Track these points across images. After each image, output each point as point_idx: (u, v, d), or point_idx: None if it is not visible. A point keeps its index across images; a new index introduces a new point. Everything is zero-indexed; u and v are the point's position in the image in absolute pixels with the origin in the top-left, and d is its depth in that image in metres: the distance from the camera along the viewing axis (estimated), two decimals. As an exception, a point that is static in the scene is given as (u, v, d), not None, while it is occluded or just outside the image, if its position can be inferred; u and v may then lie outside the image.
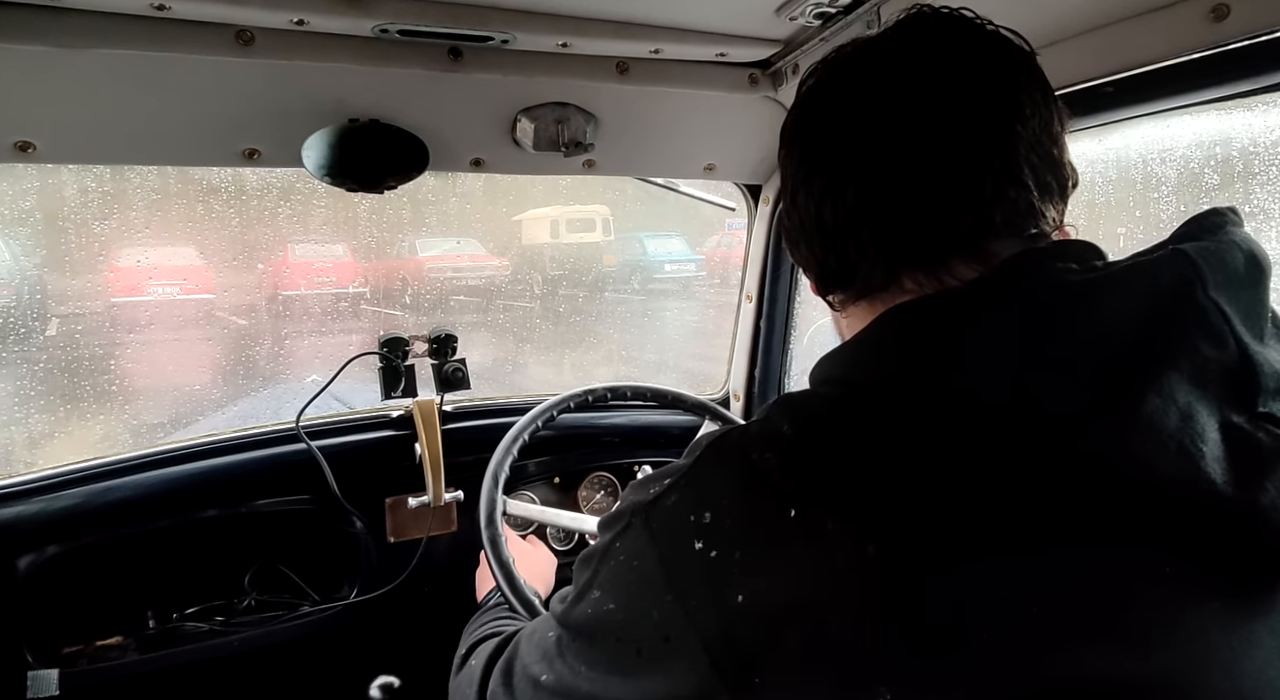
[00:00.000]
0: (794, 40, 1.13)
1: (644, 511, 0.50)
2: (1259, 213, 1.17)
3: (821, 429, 0.47)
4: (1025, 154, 0.50)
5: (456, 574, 1.53)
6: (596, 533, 0.57)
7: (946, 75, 0.51)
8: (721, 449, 0.49)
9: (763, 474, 0.46)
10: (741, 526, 0.45)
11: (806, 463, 0.45)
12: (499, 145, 1.22)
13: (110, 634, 1.28)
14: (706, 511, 0.46)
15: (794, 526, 0.43)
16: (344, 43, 0.98)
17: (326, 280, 5.08)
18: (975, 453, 0.42)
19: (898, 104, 0.51)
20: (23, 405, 2.83)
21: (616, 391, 1.37)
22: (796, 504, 0.43)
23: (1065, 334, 0.43)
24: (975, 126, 0.50)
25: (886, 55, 0.53)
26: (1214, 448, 0.41)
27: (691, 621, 0.44)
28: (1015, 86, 0.51)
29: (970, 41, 0.52)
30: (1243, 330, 0.43)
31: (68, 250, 3.30)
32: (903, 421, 0.45)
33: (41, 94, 0.94)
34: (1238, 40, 0.74)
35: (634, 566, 0.49)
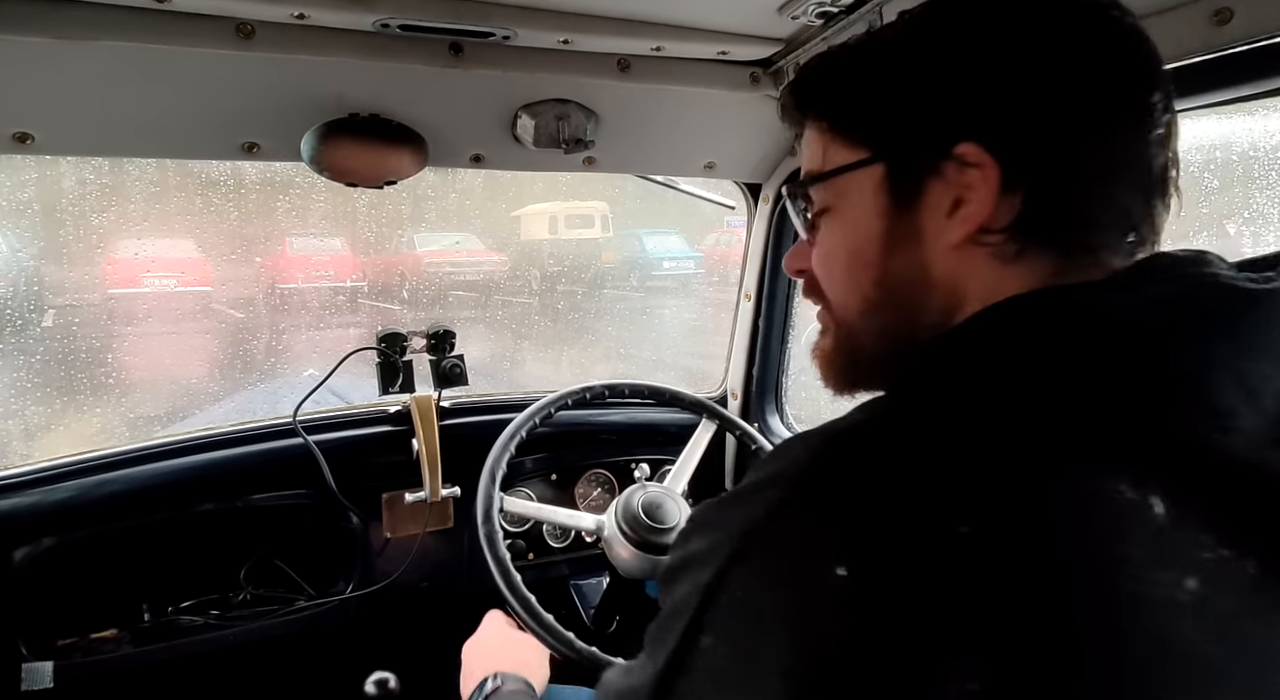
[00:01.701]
0: (796, 39, 1.12)
1: (753, 533, 0.41)
2: (1258, 217, 1.17)
3: (972, 430, 0.40)
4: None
5: (453, 570, 1.53)
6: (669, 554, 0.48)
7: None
8: (842, 450, 0.42)
9: (906, 481, 0.39)
10: (886, 544, 0.38)
11: (960, 469, 0.38)
12: (499, 141, 1.21)
13: (105, 627, 1.28)
14: (831, 529, 0.39)
15: (957, 544, 0.36)
16: (345, 37, 0.98)
17: (325, 274, 5.08)
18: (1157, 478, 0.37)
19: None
20: (19, 397, 2.83)
21: (614, 389, 1.37)
22: (959, 518, 0.36)
23: (1253, 351, 0.40)
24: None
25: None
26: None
27: (836, 662, 0.36)
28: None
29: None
30: None
31: (65, 242, 3.30)
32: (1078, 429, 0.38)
33: (41, 85, 0.94)
34: (1240, 44, 0.74)
35: (754, 604, 0.40)
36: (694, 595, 0.42)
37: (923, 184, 0.48)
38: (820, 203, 0.55)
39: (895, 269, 0.50)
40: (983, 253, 0.47)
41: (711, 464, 1.65)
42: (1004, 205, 0.46)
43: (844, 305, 0.55)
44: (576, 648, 1.04)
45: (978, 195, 0.46)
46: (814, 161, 0.55)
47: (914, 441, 0.40)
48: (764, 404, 1.71)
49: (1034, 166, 0.46)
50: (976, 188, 0.46)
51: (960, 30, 0.49)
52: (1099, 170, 0.46)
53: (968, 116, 0.47)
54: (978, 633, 0.34)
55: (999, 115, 0.46)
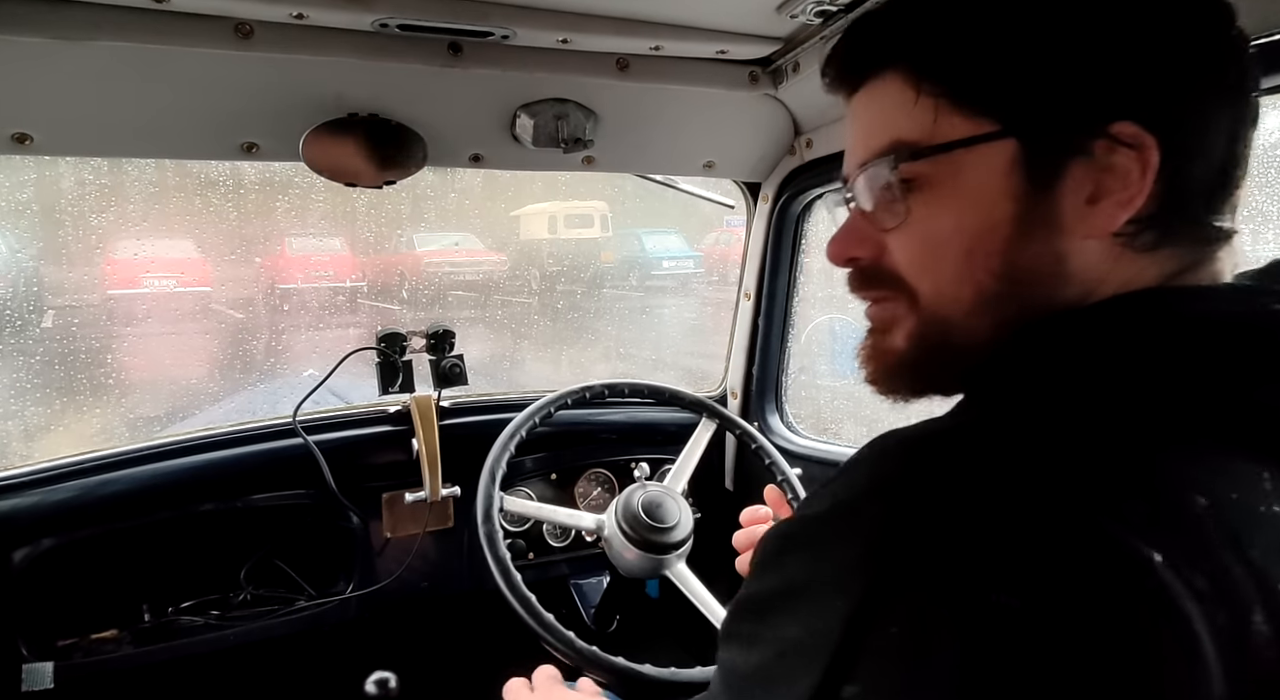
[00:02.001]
0: (795, 38, 1.12)
1: (900, 555, 0.34)
2: (1258, 215, 1.17)
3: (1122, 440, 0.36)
4: None
5: (453, 570, 1.53)
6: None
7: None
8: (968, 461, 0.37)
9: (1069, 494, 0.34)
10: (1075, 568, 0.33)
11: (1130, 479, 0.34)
12: (498, 141, 1.21)
13: (106, 627, 1.28)
14: (989, 552, 0.33)
15: (1154, 569, 0.32)
16: (343, 37, 0.98)
17: (324, 274, 5.07)
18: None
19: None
20: (19, 398, 2.83)
21: (614, 388, 1.37)
22: (1152, 543, 0.32)
23: None
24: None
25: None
26: None
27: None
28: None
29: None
30: None
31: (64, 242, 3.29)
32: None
33: (39, 85, 0.94)
34: (1252, 38, 0.74)
35: (915, 646, 0.33)
36: (826, 634, 0.34)
37: (1065, 164, 0.42)
38: (917, 177, 0.45)
39: (1024, 261, 0.43)
40: (1123, 243, 0.42)
41: (711, 463, 1.65)
42: (1155, 191, 0.41)
43: (946, 298, 0.46)
44: (577, 647, 1.04)
45: (1130, 180, 0.41)
46: (908, 128, 0.45)
47: (1059, 451, 0.35)
48: (764, 403, 1.71)
49: (1187, 150, 0.41)
50: (1129, 172, 0.41)
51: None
52: (1225, 156, 0.42)
53: (1126, 89, 0.41)
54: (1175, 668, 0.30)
55: (1159, 90, 0.41)
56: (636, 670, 1.03)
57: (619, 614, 1.63)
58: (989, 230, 0.44)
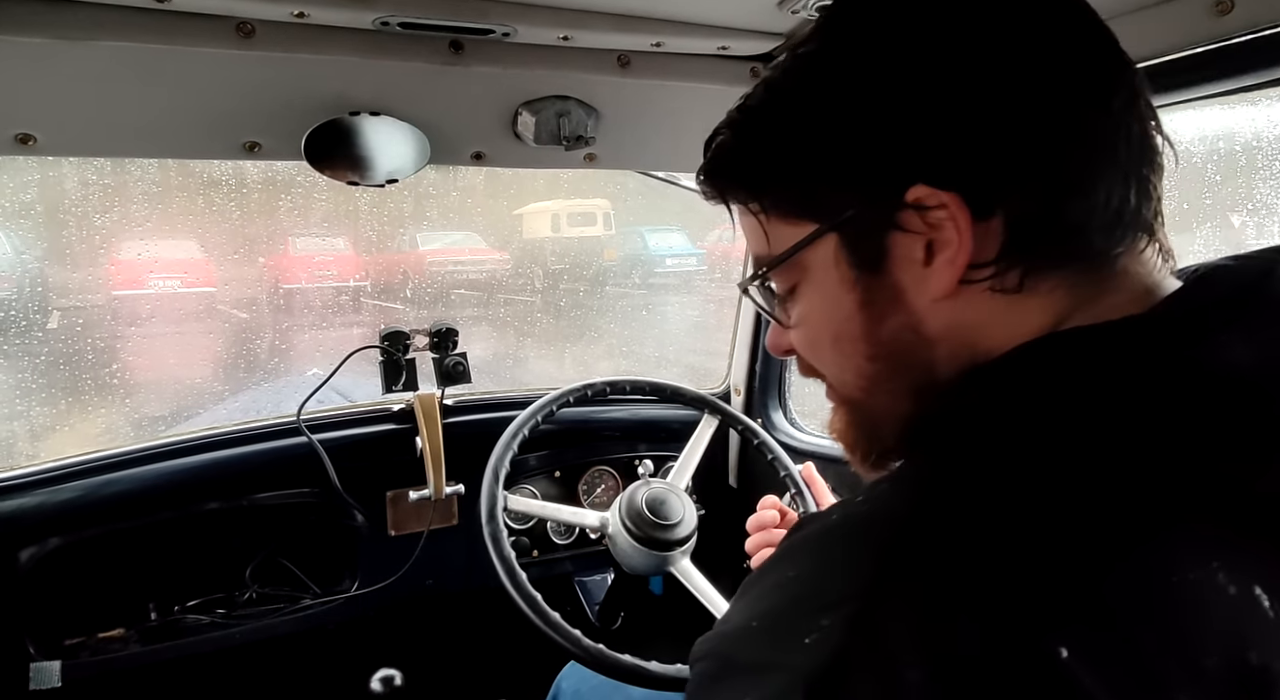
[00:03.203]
0: (795, 34, 1.12)
1: (827, 671, 0.34)
2: (1261, 208, 1.17)
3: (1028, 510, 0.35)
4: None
5: (457, 568, 1.53)
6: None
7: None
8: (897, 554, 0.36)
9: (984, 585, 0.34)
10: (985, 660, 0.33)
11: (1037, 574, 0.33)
12: (500, 139, 1.21)
13: (112, 626, 1.29)
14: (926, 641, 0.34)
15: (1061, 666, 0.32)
16: (345, 35, 0.98)
17: (327, 274, 5.08)
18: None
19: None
20: (24, 398, 2.84)
21: (616, 385, 1.37)
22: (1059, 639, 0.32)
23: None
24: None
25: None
26: None
27: None
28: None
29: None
30: None
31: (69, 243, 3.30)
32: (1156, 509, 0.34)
33: (42, 86, 0.94)
34: (1241, 34, 0.74)
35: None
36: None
37: (885, 241, 0.43)
38: (783, 285, 0.50)
39: (885, 337, 0.45)
40: (979, 291, 0.42)
41: (715, 460, 1.65)
42: (985, 235, 0.41)
43: (844, 383, 0.50)
44: (583, 645, 1.04)
45: (949, 235, 0.41)
46: (759, 246, 0.49)
47: (977, 545, 0.34)
48: (767, 399, 1.71)
49: (1002, 185, 0.40)
50: (945, 228, 0.41)
51: (868, 57, 0.42)
52: (1077, 170, 0.40)
53: (906, 157, 0.41)
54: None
55: (940, 145, 0.41)
56: (643, 667, 1.03)
57: (624, 611, 1.63)
58: (846, 319, 0.46)
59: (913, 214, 0.41)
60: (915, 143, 0.41)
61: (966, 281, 0.42)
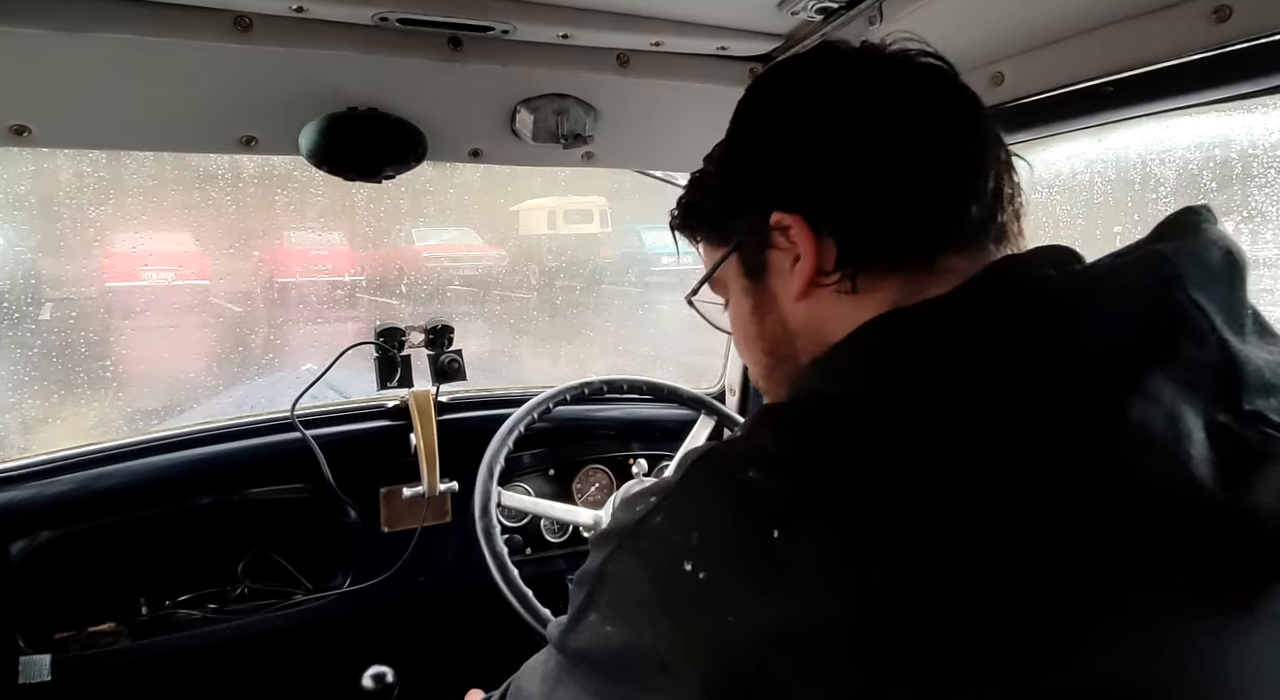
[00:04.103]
0: (795, 35, 1.12)
1: (633, 532, 0.48)
2: (1257, 215, 1.17)
3: (809, 447, 0.45)
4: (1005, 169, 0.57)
5: (450, 564, 1.53)
6: (589, 543, 0.56)
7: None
8: (708, 467, 0.48)
9: (750, 494, 0.44)
10: (731, 547, 0.43)
11: (794, 482, 0.44)
12: (498, 136, 1.21)
13: (103, 620, 1.29)
14: (694, 532, 0.44)
15: (782, 548, 0.41)
16: (343, 30, 0.97)
17: (322, 268, 5.07)
18: (973, 469, 0.41)
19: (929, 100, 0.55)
20: (16, 390, 2.82)
21: (612, 384, 1.37)
22: (783, 525, 0.42)
23: (1053, 340, 0.44)
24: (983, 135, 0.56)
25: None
26: (1201, 449, 0.40)
27: (688, 647, 0.43)
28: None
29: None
30: (1224, 328, 0.43)
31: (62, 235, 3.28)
32: (896, 438, 0.43)
33: (38, 77, 0.93)
34: (1239, 42, 0.74)
35: (628, 590, 0.47)
36: (588, 580, 0.50)
37: (765, 256, 0.58)
38: (719, 297, 0.66)
39: (768, 333, 0.60)
40: (826, 293, 0.55)
41: (709, 460, 1.65)
42: (824, 249, 0.54)
43: (754, 374, 0.65)
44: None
45: (801, 249, 0.54)
46: (706, 265, 0.65)
47: (768, 463, 0.46)
48: (762, 399, 1.71)
49: (833, 211, 0.54)
50: (798, 243, 0.54)
51: (749, 121, 0.61)
52: (895, 195, 0.52)
53: (769, 192, 0.56)
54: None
55: (790, 181, 0.55)
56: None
57: (616, 610, 1.63)
58: (747, 320, 0.62)
59: (778, 234, 0.56)
60: (774, 182, 0.57)
61: (816, 285, 0.55)
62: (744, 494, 0.44)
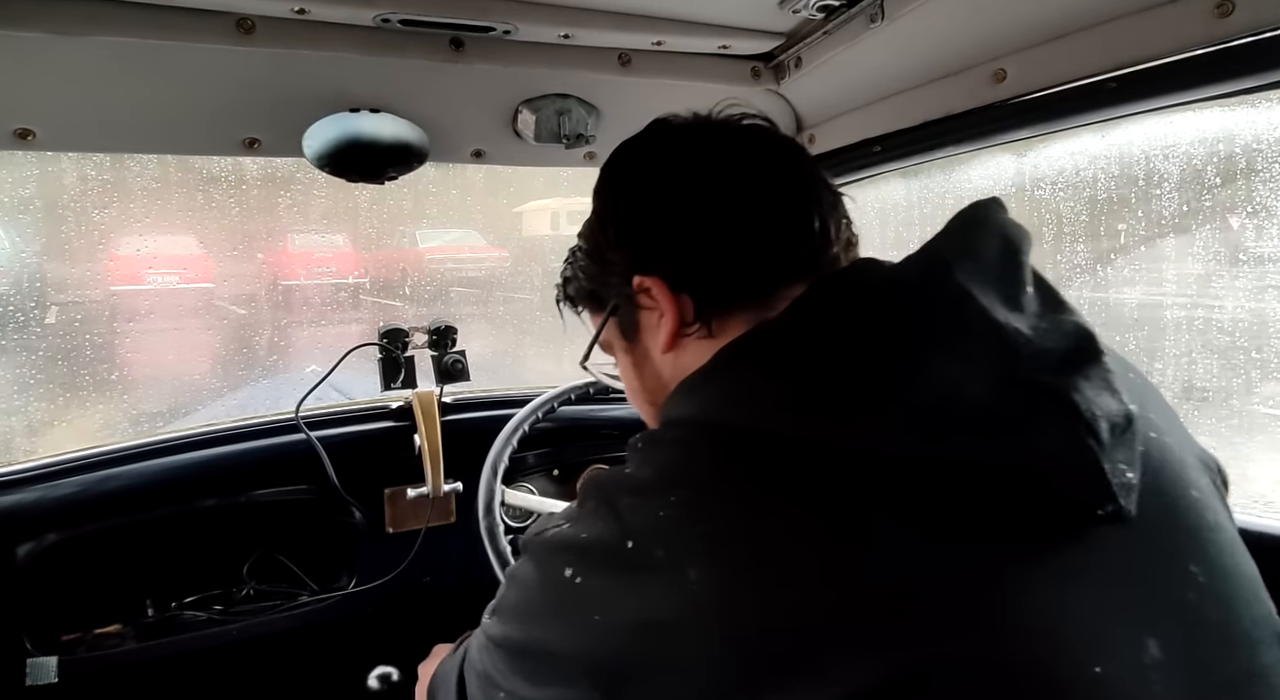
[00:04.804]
0: (797, 33, 1.12)
1: (535, 543, 0.55)
2: (1261, 210, 1.17)
3: (667, 469, 0.52)
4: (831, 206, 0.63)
5: (455, 565, 1.53)
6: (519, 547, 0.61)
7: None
8: (599, 490, 0.53)
9: (619, 512, 0.50)
10: (600, 556, 0.49)
11: (653, 502, 0.49)
12: (500, 136, 1.21)
13: (109, 622, 1.29)
14: (577, 544, 0.51)
15: (632, 555, 0.47)
16: (345, 32, 0.98)
17: (326, 270, 5.08)
18: (791, 472, 0.47)
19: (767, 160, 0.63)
20: (22, 393, 2.84)
21: (617, 384, 1.37)
22: (635, 536, 0.48)
23: (850, 335, 0.51)
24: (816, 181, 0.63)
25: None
26: (985, 412, 0.45)
27: (568, 642, 0.50)
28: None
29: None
30: (994, 308, 0.48)
31: (67, 238, 3.30)
32: (735, 451, 0.49)
33: (42, 81, 0.94)
34: (1242, 37, 0.74)
35: (529, 591, 0.54)
36: (511, 575, 0.58)
37: (636, 317, 0.64)
38: (611, 357, 0.72)
39: (648, 384, 0.67)
40: (689, 342, 0.61)
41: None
42: (683, 304, 0.60)
43: (646, 421, 0.71)
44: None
45: (663, 307, 0.60)
46: (592, 324, 0.72)
47: (631, 487, 0.52)
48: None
49: (684, 269, 0.60)
50: (660, 302, 0.60)
51: (605, 198, 0.67)
52: (735, 246, 0.59)
53: (630, 259, 0.62)
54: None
55: (645, 248, 0.61)
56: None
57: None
58: (630, 375, 0.69)
59: (642, 295, 0.62)
60: (630, 249, 0.63)
61: (681, 335, 0.61)
62: (615, 511, 0.50)
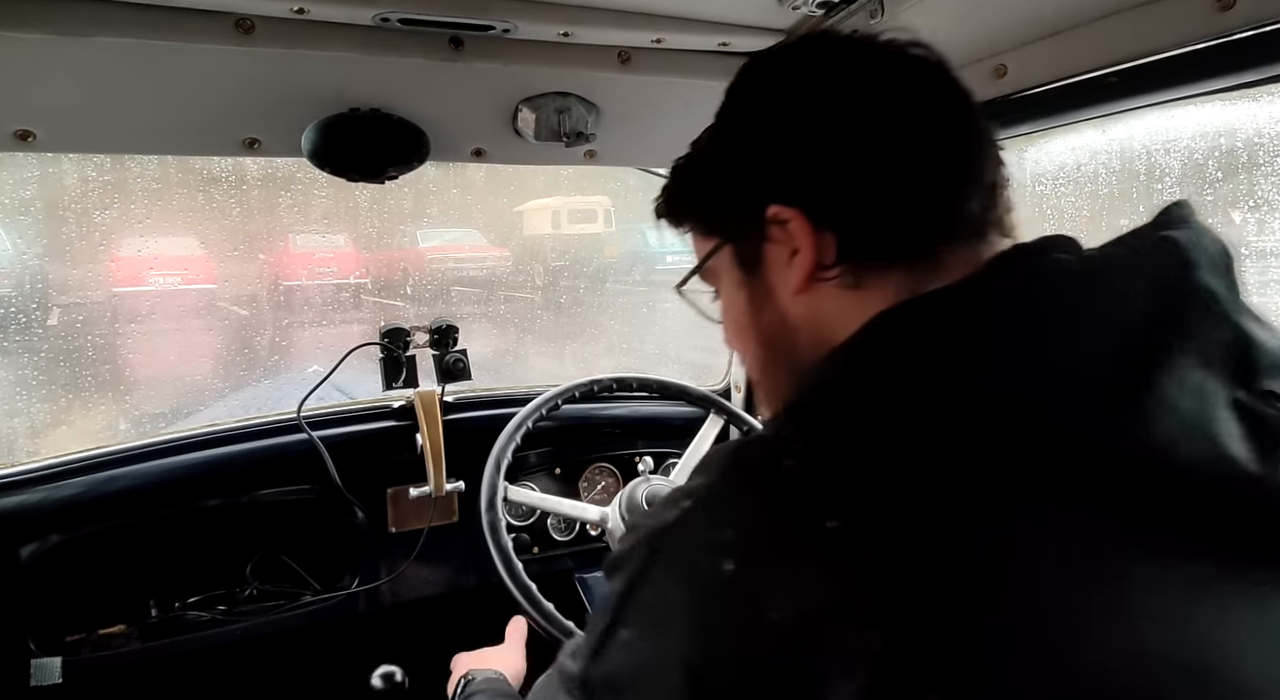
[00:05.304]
0: (797, 30, 1.12)
1: (663, 537, 0.46)
2: (1263, 204, 1.17)
3: (835, 441, 0.44)
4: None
5: (458, 564, 1.53)
6: (606, 568, 0.51)
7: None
8: (740, 461, 0.46)
9: (785, 482, 0.43)
10: (769, 540, 0.41)
11: (829, 472, 0.42)
12: (500, 135, 1.21)
13: (113, 622, 1.29)
14: (729, 528, 0.43)
15: (825, 536, 0.40)
16: (344, 31, 0.98)
17: (327, 270, 5.08)
18: (1002, 453, 0.40)
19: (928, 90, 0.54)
20: (25, 395, 2.84)
21: (623, 382, 1.37)
22: (827, 513, 0.40)
23: (1078, 322, 0.44)
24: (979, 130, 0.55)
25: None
26: (1230, 426, 0.40)
27: (728, 650, 0.40)
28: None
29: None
30: (1234, 312, 0.44)
31: (69, 240, 3.30)
32: (929, 426, 0.42)
33: (41, 82, 0.94)
34: (1243, 30, 0.74)
35: (660, 596, 0.44)
36: (616, 596, 0.46)
37: (761, 249, 0.56)
38: (712, 288, 0.65)
39: (765, 327, 0.59)
40: (828, 288, 0.53)
41: (715, 457, 1.65)
42: (824, 243, 0.52)
43: (748, 367, 0.64)
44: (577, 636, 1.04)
45: (799, 243, 0.53)
46: (697, 256, 0.64)
47: (799, 454, 0.44)
48: (767, 396, 1.70)
49: (833, 205, 0.52)
50: (796, 237, 0.53)
51: (742, 111, 0.59)
52: (896, 189, 0.51)
53: (765, 184, 0.54)
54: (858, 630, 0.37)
55: (788, 174, 0.54)
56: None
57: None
58: (741, 312, 0.60)
59: (775, 227, 0.54)
60: (770, 174, 0.55)
61: (817, 280, 0.53)
62: (778, 483, 0.43)
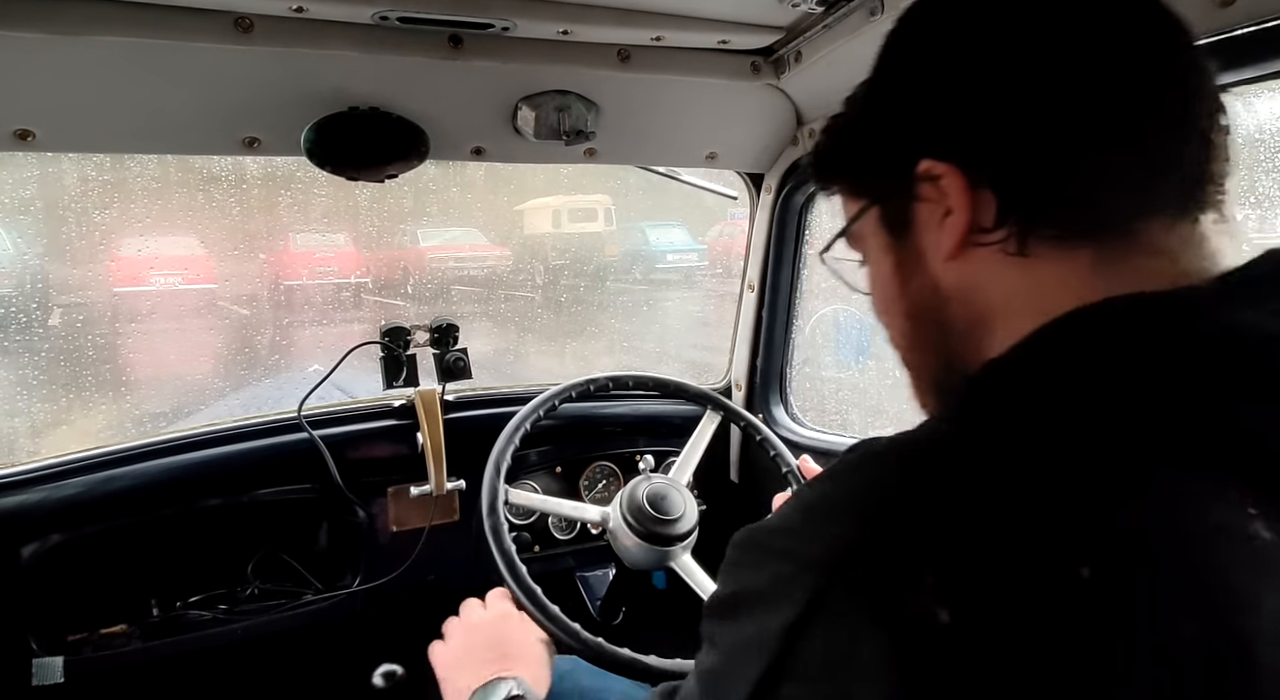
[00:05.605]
0: (796, 27, 1.12)
1: (838, 564, 0.36)
2: (1265, 201, 1.16)
3: (1044, 450, 0.37)
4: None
5: (459, 563, 1.53)
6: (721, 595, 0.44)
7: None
8: (934, 469, 0.38)
9: (1002, 503, 0.35)
10: (987, 574, 0.33)
11: (1061, 503, 0.35)
12: (500, 134, 1.21)
13: (114, 622, 1.29)
14: (927, 558, 0.34)
15: (1083, 586, 0.33)
16: (344, 30, 0.97)
17: (328, 270, 5.09)
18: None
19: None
20: (26, 394, 2.84)
21: (620, 381, 1.37)
22: (1082, 560, 0.33)
23: None
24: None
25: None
26: None
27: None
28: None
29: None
30: None
31: (69, 239, 3.30)
32: (1181, 446, 0.36)
33: (41, 81, 0.94)
34: (1244, 26, 0.73)
35: (841, 646, 0.35)
36: (771, 638, 0.37)
37: (910, 210, 0.50)
38: (859, 255, 0.58)
39: (913, 296, 0.52)
40: (986, 254, 0.46)
41: (716, 455, 1.65)
42: (981, 202, 0.45)
43: (894, 342, 0.57)
44: (582, 638, 1.04)
45: (950, 203, 0.46)
46: (846, 218, 0.57)
47: (1010, 471, 0.37)
48: (768, 395, 1.71)
49: (992, 158, 0.45)
50: (950, 195, 0.46)
51: (901, 52, 0.51)
52: (1078, 149, 0.43)
53: (918, 136, 0.48)
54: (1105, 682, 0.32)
55: (940, 125, 0.47)
56: (641, 661, 1.04)
57: (625, 606, 1.63)
58: (887, 281, 0.54)
59: (926, 184, 0.47)
60: (924, 123, 0.48)
61: (972, 244, 0.46)
62: (993, 503, 0.35)
